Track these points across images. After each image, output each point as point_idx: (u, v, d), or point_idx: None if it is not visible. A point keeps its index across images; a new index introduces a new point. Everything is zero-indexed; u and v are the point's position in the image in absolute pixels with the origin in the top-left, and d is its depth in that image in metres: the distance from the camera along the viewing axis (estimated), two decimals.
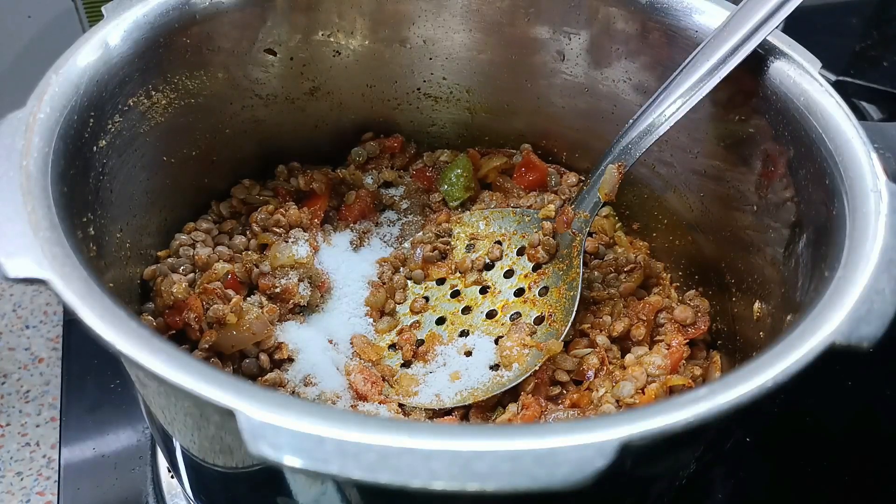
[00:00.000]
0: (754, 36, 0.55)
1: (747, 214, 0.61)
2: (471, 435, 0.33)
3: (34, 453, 0.74)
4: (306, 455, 0.32)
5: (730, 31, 0.56)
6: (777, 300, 0.56)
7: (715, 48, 0.56)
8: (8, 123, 0.45)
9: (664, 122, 0.59)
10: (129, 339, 0.37)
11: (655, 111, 0.59)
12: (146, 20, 0.56)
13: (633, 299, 0.67)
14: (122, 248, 0.57)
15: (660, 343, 0.63)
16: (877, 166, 0.48)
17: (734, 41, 0.55)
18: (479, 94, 0.75)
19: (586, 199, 0.65)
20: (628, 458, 0.33)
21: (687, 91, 0.57)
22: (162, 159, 0.62)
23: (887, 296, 0.41)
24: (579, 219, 0.65)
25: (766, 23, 0.54)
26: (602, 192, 0.63)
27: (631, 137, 0.61)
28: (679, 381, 0.59)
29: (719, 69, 0.56)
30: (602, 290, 0.67)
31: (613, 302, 0.66)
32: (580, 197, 0.66)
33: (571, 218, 0.65)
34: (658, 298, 0.66)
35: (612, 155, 0.62)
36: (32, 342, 0.82)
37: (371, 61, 0.72)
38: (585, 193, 0.65)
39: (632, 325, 0.64)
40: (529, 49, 0.70)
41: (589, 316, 0.66)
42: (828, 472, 0.69)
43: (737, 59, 0.55)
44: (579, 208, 0.65)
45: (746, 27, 0.55)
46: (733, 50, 0.55)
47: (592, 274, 0.69)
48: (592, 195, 0.64)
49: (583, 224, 0.65)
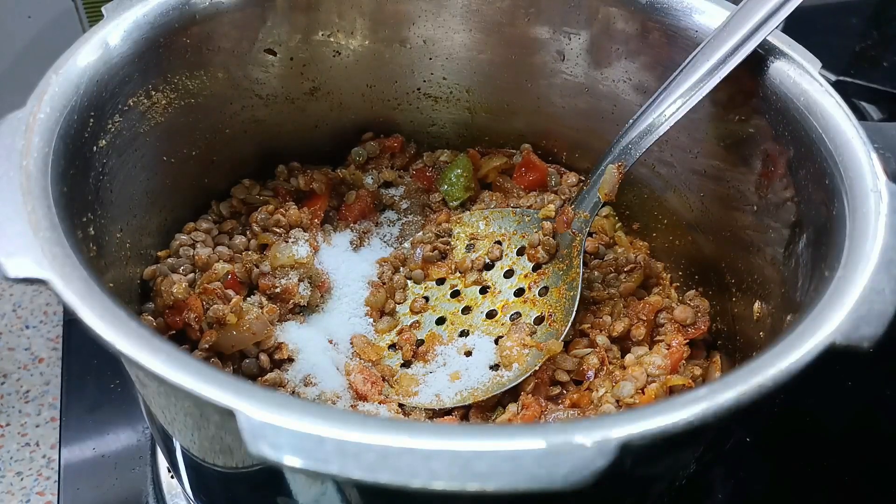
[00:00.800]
0: (754, 36, 0.55)
1: (747, 214, 0.61)
2: (471, 435, 0.33)
3: (34, 453, 0.74)
4: (306, 455, 0.32)
5: (729, 32, 0.56)
6: (777, 300, 0.56)
7: (715, 48, 0.56)
8: (8, 123, 0.45)
9: (664, 123, 0.59)
10: (129, 339, 0.37)
11: (655, 111, 0.59)
12: (146, 20, 0.56)
13: (633, 299, 0.67)
14: (122, 248, 0.57)
15: (660, 343, 0.63)
16: (877, 166, 0.48)
17: (734, 41, 0.55)
18: (479, 94, 0.75)
19: (586, 199, 0.65)
20: (628, 458, 0.33)
21: (687, 91, 0.57)
22: (162, 159, 0.62)
23: (887, 296, 0.41)
24: (579, 219, 0.65)
25: (766, 23, 0.54)
26: (602, 193, 0.63)
27: (631, 137, 0.61)
28: (679, 381, 0.59)
29: (719, 69, 0.56)
30: (602, 290, 0.67)
31: (613, 302, 0.66)
32: (580, 197, 0.66)
33: (571, 218, 0.65)
34: (658, 298, 0.66)
35: (611, 155, 0.62)
36: (32, 342, 0.82)
37: (371, 61, 0.72)
38: (585, 193, 0.65)
39: (632, 325, 0.64)
40: (529, 49, 0.70)
41: (589, 316, 0.66)
42: (828, 472, 0.69)
43: (736, 59, 0.55)
44: (579, 208, 0.65)
45: (746, 27, 0.55)
46: (733, 50, 0.55)
47: (592, 274, 0.69)
48: (592, 195, 0.64)
49: (583, 224, 0.65)
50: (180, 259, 0.64)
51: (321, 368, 0.61)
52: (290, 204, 0.70)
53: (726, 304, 0.64)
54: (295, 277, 0.64)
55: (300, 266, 0.65)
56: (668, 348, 0.62)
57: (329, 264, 0.69)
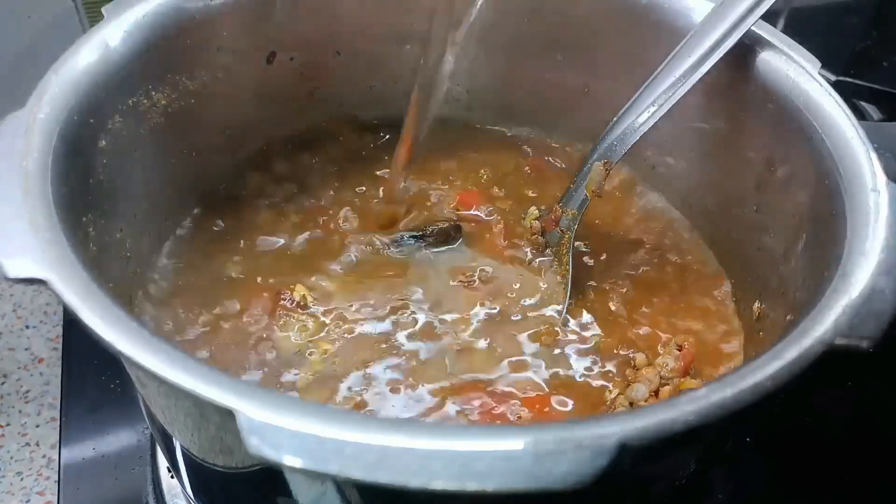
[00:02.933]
0: (736, 30, 0.55)
1: (747, 214, 0.61)
2: (471, 435, 0.33)
3: (34, 453, 0.74)
4: (306, 455, 0.32)
5: (712, 25, 0.56)
6: (777, 300, 0.56)
7: (698, 42, 0.56)
8: (8, 123, 0.45)
9: (648, 120, 0.59)
10: (129, 339, 0.37)
11: (640, 107, 0.59)
12: (146, 20, 0.56)
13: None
14: (122, 248, 0.57)
15: (670, 344, 0.63)
16: (877, 166, 0.48)
17: (718, 34, 0.55)
18: (480, 94, 0.75)
19: (573, 196, 0.65)
20: (628, 457, 0.33)
21: (670, 87, 0.58)
22: (162, 159, 0.62)
23: (887, 296, 0.41)
24: (567, 216, 0.65)
25: (747, 17, 0.55)
26: (589, 190, 0.64)
27: (616, 134, 0.61)
28: (693, 385, 0.59)
29: (703, 64, 0.56)
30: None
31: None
32: (567, 195, 0.66)
33: (559, 216, 0.65)
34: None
35: (597, 152, 0.63)
36: (32, 342, 0.82)
37: (371, 61, 0.72)
38: (572, 191, 0.65)
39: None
40: (530, 49, 0.70)
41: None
42: (828, 472, 0.69)
43: (719, 53, 0.56)
44: (567, 206, 0.65)
45: (729, 20, 0.55)
46: (717, 44, 0.55)
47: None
48: (580, 193, 0.65)
49: (571, 222, 0.65)
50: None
51: None
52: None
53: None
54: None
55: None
56: (679, 349, 0.62)
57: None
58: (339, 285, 0.64)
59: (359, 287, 0.64)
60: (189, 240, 0.67)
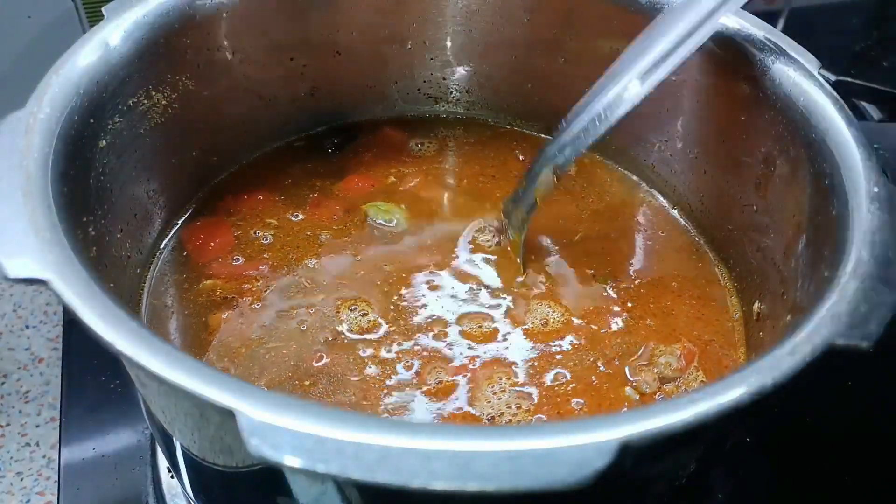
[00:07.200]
0: (697, 31, 0.53)
1: (747, 215, 0.61)
2: (471, 435, 0.33)
3: (34, 453, 0.74)
4: (306, 455, 0.32)
5: (668, 25, 0.54)
6: (777, 300, 0.56)
7: (662, 32, 0.54)
8: (8, 123, 0.45)
9: (601, 125, 0.55)
10: (129, 339, 0.37)
11: (593, 108, 0.56)
12: (146, 20, 0.56)
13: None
14: (122, 248, 0.57)
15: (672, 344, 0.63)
16: (877, 166, 0.48)
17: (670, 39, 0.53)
18: (479, 94, 0.75)
19: (522, 198, 0.63)
20: (628, 458, 0.33)
21: (614, 101, 0.55)
22: (162, 159, 0.62)
23: (887, 296, 0.41)
24: (517, 216, 0.64)
25: (710, 18, 0.53)
26: (538, 195, 0.61)
27: (568, 137, 0.58)
28: (693, 385, 0.59)
29: (673, 55, 0.53)
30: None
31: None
32: (515, 194, 0.64)
33: (505, 227, 0.64)
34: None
35: (545, 156, 0.59)
36: (32, 342, 0.82)
37: (371, 61, 0.72)
38: (521, 192, 0.63)
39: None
40: (529, 49, 0.70)
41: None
42: (828, 472, 0.68)
43: (678, 56, 0.53)
44: (518, 205, 0.64)
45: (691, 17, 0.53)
46: (674, 46, 0.53)
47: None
48: (529, 196, 0.62)
49: (521, 223, 0.64)
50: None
51: None
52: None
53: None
54: None
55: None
56: (680, 350, 0.62)
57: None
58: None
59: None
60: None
